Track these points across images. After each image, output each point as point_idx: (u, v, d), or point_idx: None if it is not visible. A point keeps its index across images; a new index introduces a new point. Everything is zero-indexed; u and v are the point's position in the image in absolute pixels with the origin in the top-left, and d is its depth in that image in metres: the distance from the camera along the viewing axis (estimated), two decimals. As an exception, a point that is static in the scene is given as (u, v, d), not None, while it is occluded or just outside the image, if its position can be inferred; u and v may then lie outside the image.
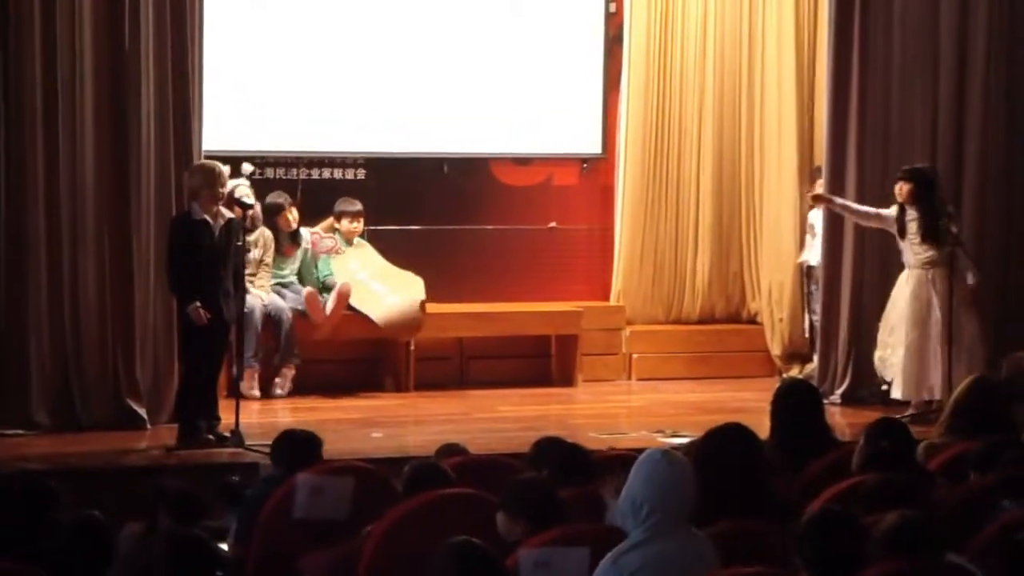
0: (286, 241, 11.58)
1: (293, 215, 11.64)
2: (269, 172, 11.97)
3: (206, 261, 9.55)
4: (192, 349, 9.73)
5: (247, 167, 11.23)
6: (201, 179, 9.71)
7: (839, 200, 11.30)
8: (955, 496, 6.42)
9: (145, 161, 10.28)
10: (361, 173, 12.35)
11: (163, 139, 10.33)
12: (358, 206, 11.93)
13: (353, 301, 11.58)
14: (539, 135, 12.69)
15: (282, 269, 11.57)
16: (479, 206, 12.73)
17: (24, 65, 10.02)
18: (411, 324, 11.62)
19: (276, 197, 11.66)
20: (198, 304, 9.48)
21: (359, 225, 11.92)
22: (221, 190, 9.69)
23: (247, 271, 10.35)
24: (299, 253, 11.69)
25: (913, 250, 10.95)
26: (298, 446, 7.12)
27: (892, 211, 11.04)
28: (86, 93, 10.15)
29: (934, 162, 11.50)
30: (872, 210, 11.20)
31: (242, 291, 9.95)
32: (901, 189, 10.94)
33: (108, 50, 10.20)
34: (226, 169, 9.93)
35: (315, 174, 12.21)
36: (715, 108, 12.96)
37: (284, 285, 11.58)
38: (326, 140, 12.18)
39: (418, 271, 11.93)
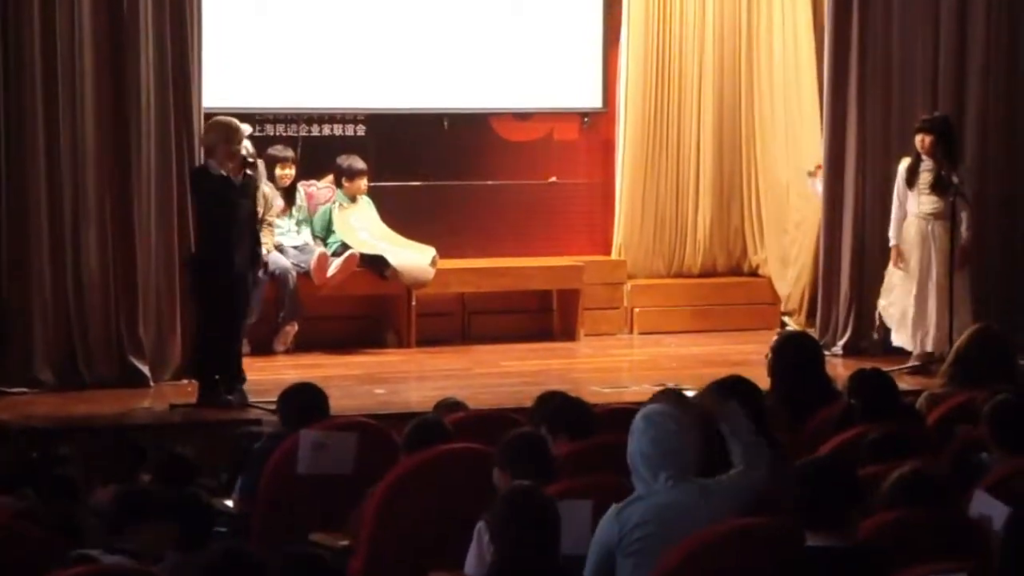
0: (283, 203, 11.55)
1: (287, 171, 11.61)
2: (269, 129, 11.95)
3: (228, 215, 9.51)
4: (209, 306, 9.69)
5: (246, 127, 11.20)
6: (216, 135, 9.70)
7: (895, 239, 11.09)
8: (949, 448, 6.45)
9: (145, 120, 10.26)
10: (361, 129, 12.32)
11: (163, 98, 10.31)
12: (362, 164, 11.91)
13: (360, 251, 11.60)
14: (539, 90, 12.65)
15: (280, 226, 11.55)
16: (479, 161, 12.71)
17: (23, 29, 9.98)
18: (423, 275, 11.61)
19: (279, 151, 11.63)
20: None
21: (363, 183, 11.90)
22: (237, 147, 9.67)
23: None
24: (294, 210, 11.68)
25: (920, 200, 10.91)
26: (305, 400, 7.15)
27: (902, 169, 10.98)
28: (85, 53, 10.13)
29: (934, 109, 11.47)
30: (898, 205, 11.02)
31: (257, 245, 9.91)
32: (924, 141, 10.85)
33: (107, 9, 10.18)
34: (246, 128, 9.91)
35: (315, 130, 12.19)
36: (715, 61, 12.92)
37: (284, 241, 11.55)
38: (326, 96, 12.15)
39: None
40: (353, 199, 11.87)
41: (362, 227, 11.84)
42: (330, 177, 11.96)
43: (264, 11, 11.93)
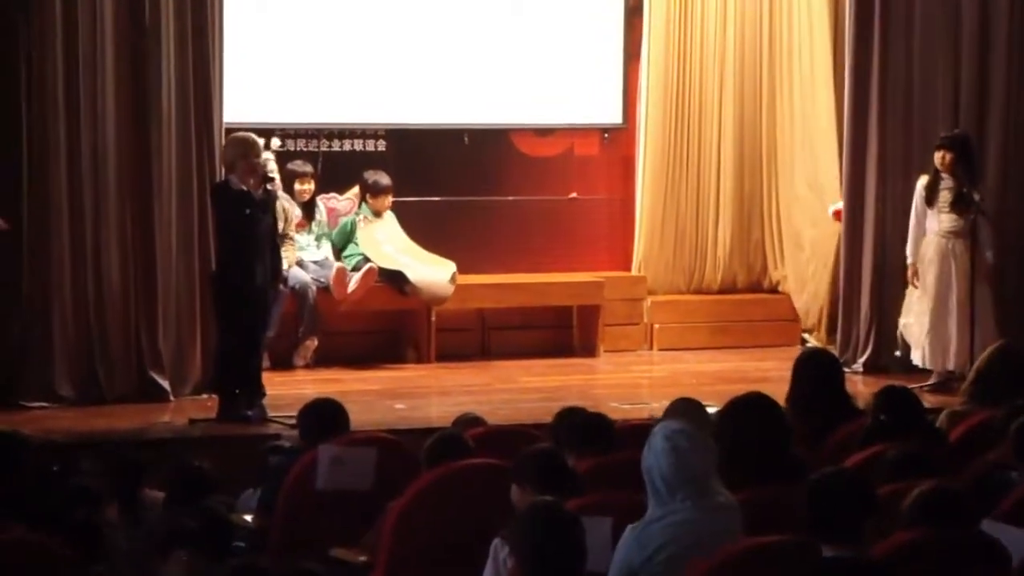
0: (300, 213, 11.57)
1: (306, 186, 11.62)
2: (290, 144, 11.96)
3: (248, 230, 9.53)
4: (229, 320, 9.68)
5: (276, 141, 11.24)
6: (235, 151, 9.72)
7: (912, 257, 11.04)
8: (973, 467, 6.42)
9: (166, 135, 10.29)
10: (382, 144, 12.34)
11: (184, 112, 10.34)
12: (388, 180, 11.90)
13: (381, 265, 11.60)
14: (559, 105, 12.65)
15: (299, 241, 11.55)
16: (499, 177, 12.71)
17: (46, 40, 10.03)
18: (442, 291, 11.62)
19: (299, 166, 11.65)
20: None
21: (388, 199, 11.91)
22: (256, 160, 9.70)
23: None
24: (313, 225, 11.70)
25: (940, 218, 10.86)
26: (324, 415, 7.15)
27: (920, 187, 10.94)
28: (107, 67, 10.16)
29: (955, 129, 11.44)
30: (916, 223, 10.99)
31: (277, 260, 9.93)
32: (944, 158, 10.81)
33: (128, 24, 10.21)
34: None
35: (336, 146, 12.21)
36: (736, 76, 12.91)
37: (304, 256, 11.56)
38: (346, 112, 12.17)
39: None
40: (378, 214, 11.88)
41: (386, 240, 11.84)
42: (355, 190, 11.98)
43: (285, 26, 11.94)
